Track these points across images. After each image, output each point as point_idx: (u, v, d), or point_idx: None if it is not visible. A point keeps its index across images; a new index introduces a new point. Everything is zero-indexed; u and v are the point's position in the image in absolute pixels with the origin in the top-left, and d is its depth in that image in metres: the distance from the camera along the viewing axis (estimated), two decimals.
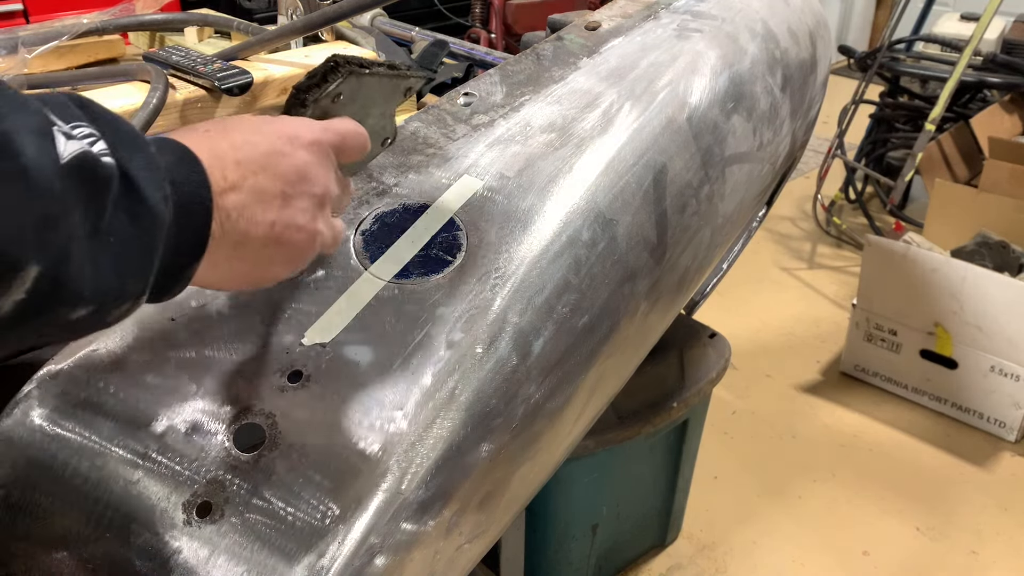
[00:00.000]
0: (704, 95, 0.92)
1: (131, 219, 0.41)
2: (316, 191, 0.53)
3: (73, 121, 0.40)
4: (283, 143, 0.52)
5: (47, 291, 0.37)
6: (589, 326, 0.73)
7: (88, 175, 0.39)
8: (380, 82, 0.64)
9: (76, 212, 0.38)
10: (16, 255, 0.35)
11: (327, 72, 0.59)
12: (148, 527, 0.56)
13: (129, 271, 0.42)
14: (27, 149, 0.36)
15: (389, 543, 0.57)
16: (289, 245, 0.52)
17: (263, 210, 0.50)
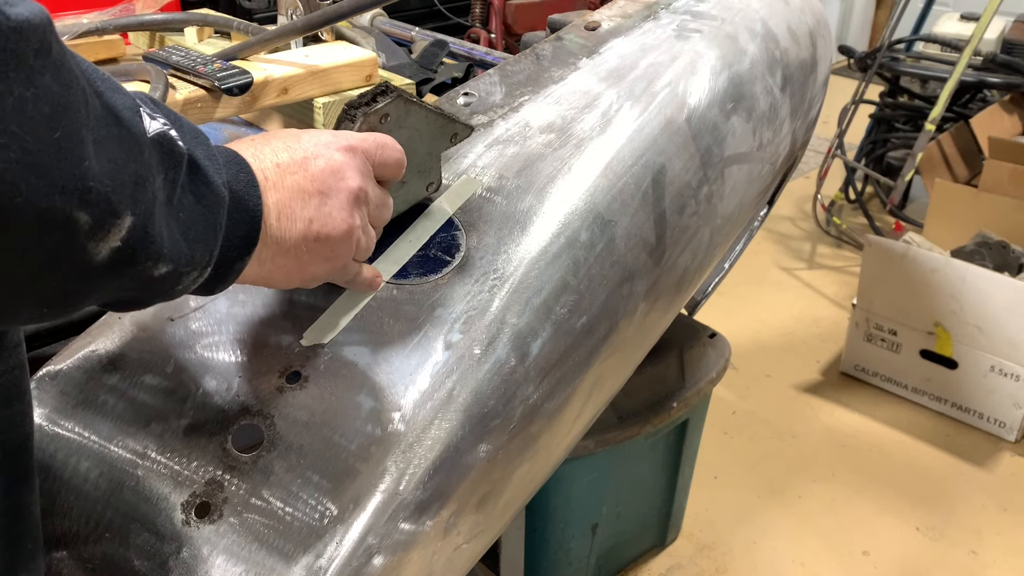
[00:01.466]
0: (703, 96, 0.92)
1: (197, 199, 0.46)
2: (351, 186, 0.56)
3: (152, 110, 0.45)
4: (319, 147, 0.56)
5: (137, 242, 0.41)
6: (587, 327, 0.73)
7: (167, 149, 0.44)
8: (427, 117, 0.67)
9: (158, 178, 0.43)
10: (118, 205, 0.39)
11: (377, 93, 0.62)
12: (147, 527, 0.56)
13: (199, 240, 0.46)
14: (125, 120, 0.41)
15: (387, 543, 0.57)
16: (327, 240, 0.55)
17: (302, 207, 0.53)
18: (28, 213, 0.35)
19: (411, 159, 0.68)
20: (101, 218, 0.39)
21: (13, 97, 0.34)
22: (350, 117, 0.61)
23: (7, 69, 0.34)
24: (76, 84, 0.37)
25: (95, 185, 0.38)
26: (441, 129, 0.69)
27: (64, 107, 0.36)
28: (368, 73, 1.23)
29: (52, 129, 0.36)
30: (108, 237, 0.39)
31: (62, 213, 0.37)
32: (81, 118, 0.37)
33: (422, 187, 0.72)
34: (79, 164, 0.37)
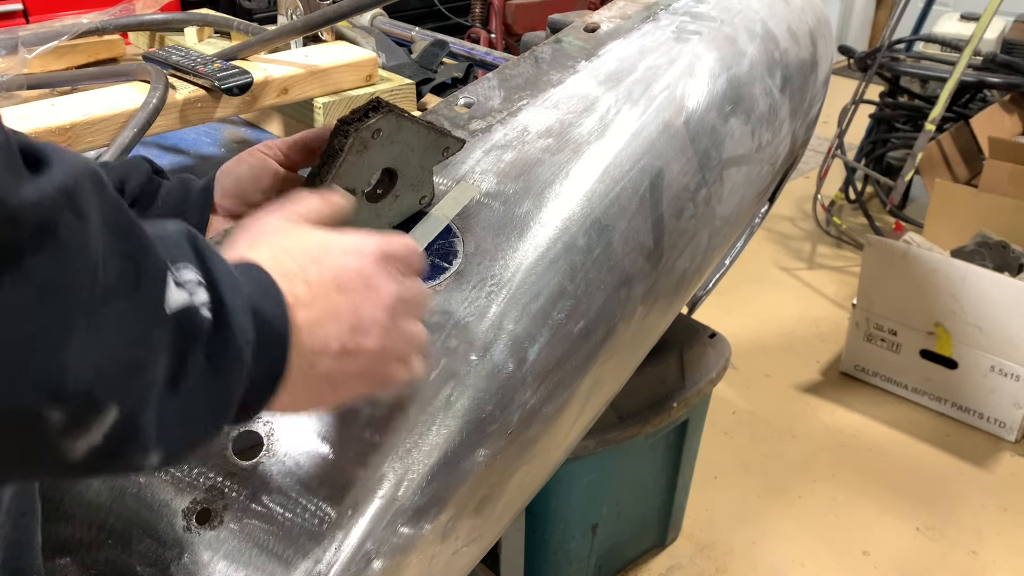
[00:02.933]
0: (702, 98, 0.92)
1: (210, 364, 0.41)
2: (385, 301, 0.52)
3: (182, 261, 0.41)
4: (349, 257, 0.52)
5: (121, 437, 0.37)
6: (585, 332, 0.73)
7: (185, 323, 0.40)
8: (419, 132, 0.67)
9: (163, 359, 0.39)
10: (100, 399, 0.35)
11: (370, 109, 0.62)
12: (149, 533, 0.56)
13: (196, 419, 0.42)
14: (140, 295, 0.37)
15: (385, 548, 0.57)
16: (363, 358, 0.51)
17: (335, 324, 0.49)
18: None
19: (404, 173, 0.69)
20: (78, 415, 0.35)
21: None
22: (343, 133, 0.61)
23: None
24: (83, 263, 0.34)
25: (72, 379, 0.34)
26: (433, 143, 0.70)
27: (52, 292, 0.33)
28: (368, 73, 1.24)
29: (26, 319, 0.32)
30: (87, 434, 0.35)
31: (28, 413, 0.33)
32: (76, 301, 0.34)
33: (415, 201, 0.73)
34: (54, 357, 0.33)
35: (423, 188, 0.72)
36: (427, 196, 0.73)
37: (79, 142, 1.01)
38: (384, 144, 0.64)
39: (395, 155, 0.66)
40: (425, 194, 0.73)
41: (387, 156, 0.66)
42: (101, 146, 1.02)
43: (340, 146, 0.60)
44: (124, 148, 0.99)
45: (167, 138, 1.23)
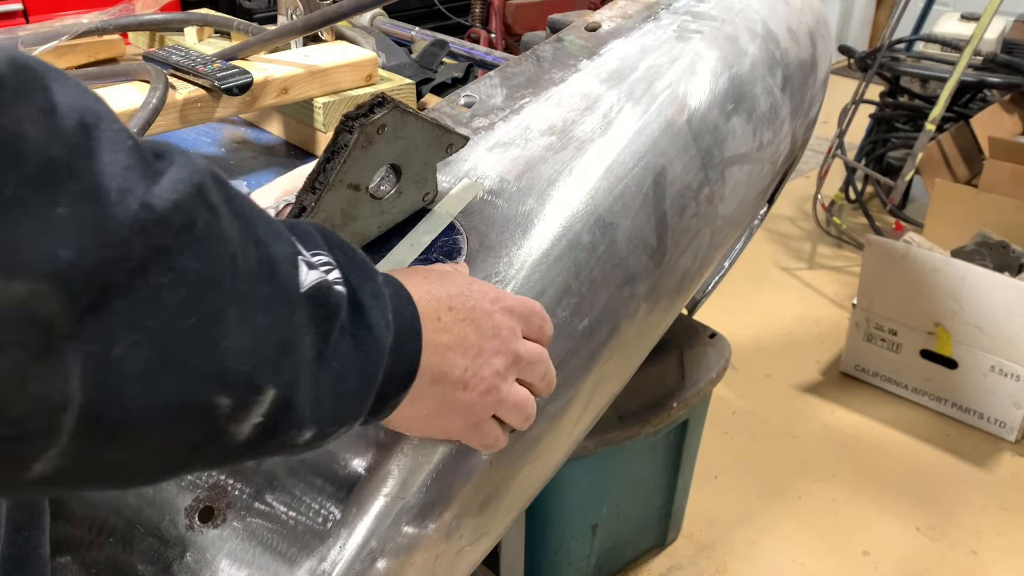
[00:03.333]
0: (704, 97, 0.92)
1: (355, 344, 0.43)
2: (507, 350, 0.56)
3: (314, 249, 0.43)
4: (487, 302, 0.55)
5: (279, 415, 0.39)
6: (589, 330, 0.73)
7: (322, 302, 0.41)
8: (424, 128, 0.67)
9: (307, 338, 0.40)
10: (259, 381, 0.37)
11: (374, 105, 0.62)
12: (151, 532, 0.56)
13: (346, 395, 0.43)
14: (279, 277, 0.39)
15: (390, 547, 0.57)
16: (473, 393, 0.54)
17: (462, 355, 0.52)
18: (166, 409, 0.34)
19: (408, 170, 0.68)
20: (242, 398, 0.37)
21: (148, 289, 0.32)
22: (347, 128, 0.61)
23: (145, 262, 0.32)
24: (223, 252, 0.35)
25: (234, 366, 0.36)
26: (437, 140, 0.70)
27: (204, 284, 0.34)
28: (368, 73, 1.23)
29: (187, 314, 0.34)
30: (249, 416, 0.37)
31: (201, 403, 0.35)
32: (224, 290, 0.35)
33: (419, 198, 0.72)
34: (216, 346, 0.35)
35: (427, 185, 0.72)
36: (431, 193, 0.73)
37: None
38: (389, 140, 0.64)
39: (399, 151, 0.66)
40: (429, 191, 0.73)
41: (392, 152, 0.65)
42: None
43: (345, 142, 0.60)
44: None
45: (167, 138, 1.23)
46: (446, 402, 0.53)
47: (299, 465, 0.58)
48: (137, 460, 0.35)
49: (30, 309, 0.29)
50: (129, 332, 0.32)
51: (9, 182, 0.28)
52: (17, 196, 0.28)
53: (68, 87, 0.32)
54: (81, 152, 0.30)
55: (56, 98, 0.30)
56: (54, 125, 0.30)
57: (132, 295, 0.32)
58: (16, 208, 0.28)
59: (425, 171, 0.71)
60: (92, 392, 0.31)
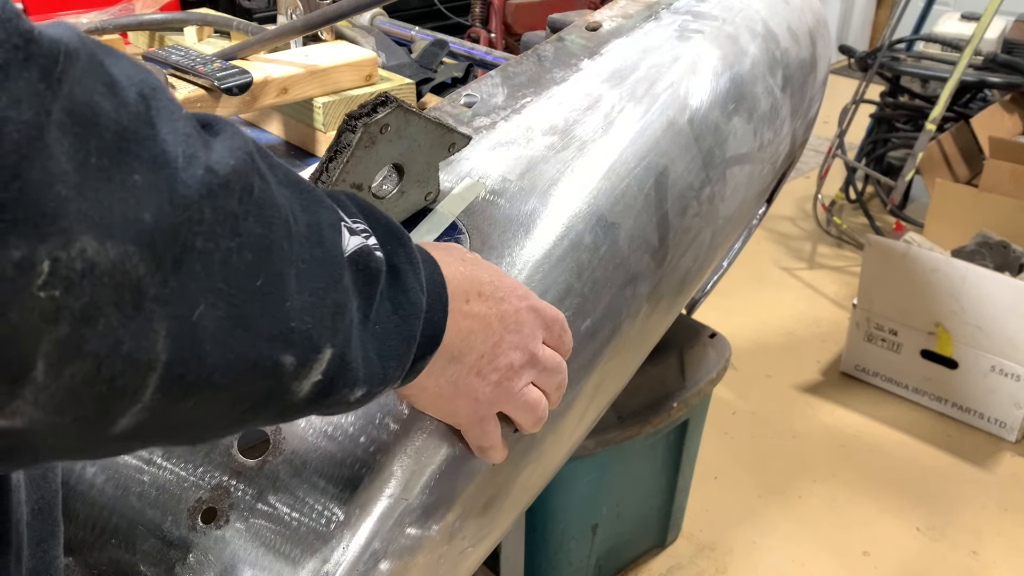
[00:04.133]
0: (705, 97, 0.92)
1: (394, 308, 0.45)
2: (526, 347, 0.56)
3: (352, 216, 0.44)
4: (515, 298, 0.56)
5: (335, 373, 0.40)
6: (591, 330, 0.73)
7: (364, 266, 0.43)
8: (426, 128, 0.67)
9: (355, 300, 0.42)
10: (319, 340, 0.39)
11: (377, 104, 0.62)
12: (154, 533, 0.56)
13: (393, 356, 0.45)
14: (327, 242, 0.40)
15: (393, 548, 0.57)
16: (485, 382, 0.54)
17: (482, 340, 0.53)
18: (240, 366, 0.35)
19: (410, 169, 0.68)
20: (305, 357, 0.38)
21: (220, 253, 0.34)
22: (350, 128, 0.61)
23: (215, 225, 0.33)
24: (278, 217, 0.37)
25: (297, 325, 0.37)
26: (440, 139, 0.70)
27: (266, 248, 0.36)
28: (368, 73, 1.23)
29: (255, 276, 0.35)
30: (311, 374, 0.39)
31: (270, 360, 0.37)
32: (283, 253, 0.37)
33: (420, 197, 0.72)
34: (281, 306, 0.37)
35: (429, 184, 0.72)
36: (433, 193, 0.73)
37: None
38: (391, 139, 0.64)
39: (402, 151, 0.66)
40: (431, 190, 0.73)
41: (394, 151, 0.65)
42: None
43: (348, 141, 0.60)
44: None
45: None
46: (458, 384, 0.53)
47: (302, 466, 0.58)
48: (208, 416, 0.37)
49: (123, 270, 0.30)
50: (207, 293, 0.33)
51: (92, 152, 0.29)
52: (100, 164, 0.30)
53: (121, 61, 0.33)
54: (145, 121, 0.32)
55: (114, 72, 0.31)
56: (119, 97, 0.31)
57: (207, 259, 0.33)
58: (101, 175, 0.30)
59: (427, 170, 0.71)
60: (176, 352, 0.33)
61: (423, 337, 0.48)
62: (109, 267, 0.30)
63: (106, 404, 0.32)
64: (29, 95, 0.27)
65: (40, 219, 0.28)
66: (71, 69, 0.29)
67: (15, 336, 0.28)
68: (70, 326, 0.29)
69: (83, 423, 0.32)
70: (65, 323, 0.29)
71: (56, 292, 0.29)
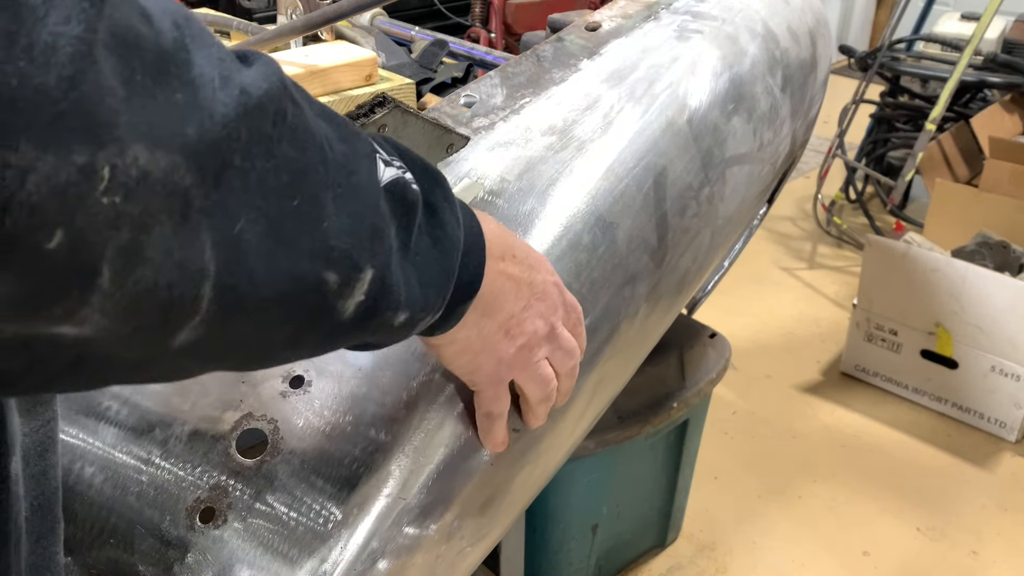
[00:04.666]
0: (704, 97, 0.92)
1: (433, 242, 0.46)
2: (550, 319, 0.57)
3: (389, 153, 0.45)
4: (545, 270, 0.57)
5: (378, 294, 0.42)
6: (590, 330, 0.73)
7: (400, 196, 0.44)
8: (424, 128, 0.68)
9: (393, 226, 0.43)
10: (359, 260, 0.40)
11: (375, 104, 0.63)
12: (152, 532, 0.56)
13: (432, 285, 0.46)
14: (362, 170, 0.41)
15: (391, 548, 0.57)
16: (510, 344, 0.55)
17: (514, 300, 0.54)
18: (284, 281, 0.36)
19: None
20: (347, 275, 0.39)
21: (256, 172, 0.35)
22: None
23: (251, 145, 0.34)
24: (312, 143, 0.38)
25: (336, 244, 0.39)
26: (438, 139, 0.70)
27: (302, 171, 0.37)
28: (368, 73, 1.23)
29: (291, 197, 0.36)
30: (354, 293, 0.40)
31: (313, 276, 0.38)
32: (319, 177, 0.38)
33: None
34: (319, 226, 0.38)
35: None
36: None
37: None
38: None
39: None
40: None
41: None
42: None
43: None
44: None
45: None
46: (485, 339, 0.54)
47: (300, 466, 0.58)
48: (260, 335, 0.38)
49: (172, 180, 0.31)
50: (246, 208, 0.35)
51: (136, 70, 0.31)
52: (144, 83, 0.31)
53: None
54: (181, 47, 0.33)
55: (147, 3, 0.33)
56: (155, 25, 0.32)
57: (244, 176, 0.34)
58: (146, 92, 0.31)
59: None
60: (224, 263, 0.34)
61: (461, 281, 0.49)
62: (161, 176, 0.31)
63: (166, 313, 0.33)
64: (77, 12, 0.29)
65: (97, 127, 0.29)
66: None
67: (82, 243, 0.29)
68: (130, 232, 0.30)
69: (146, 333, 0.33)
70: (126, 229, 0.30)
71: (117, 198, 0.30)
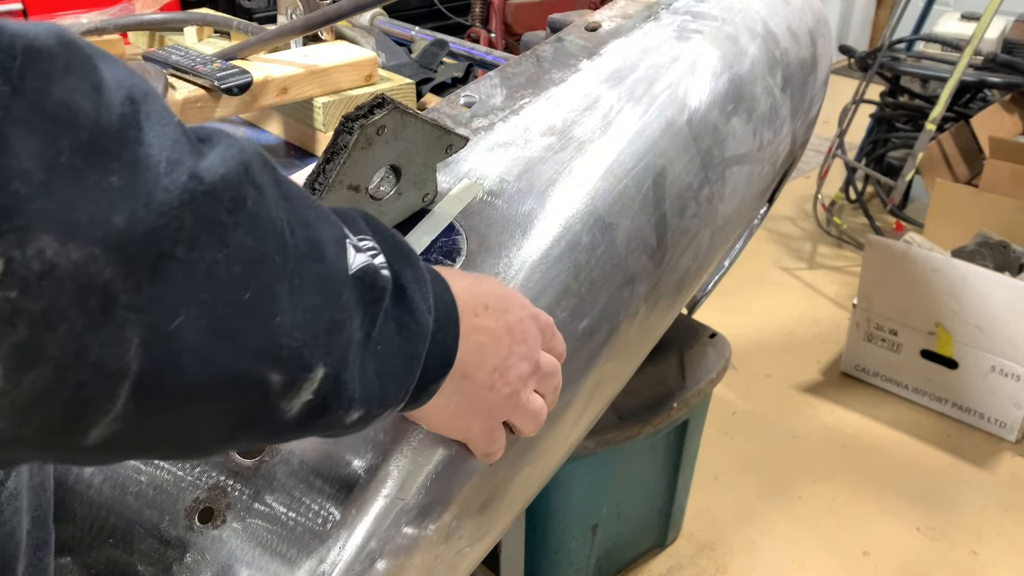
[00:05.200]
0: (704, 97, 0.92)
1: (399, 328, 0.44)
2: (532, 357, 0.56)
3: (359, 233, 0.43)
4: (518, 307, 0.56)
5: (329, 393, 0.39)
6: (588, 330, 0.73)
7: (369, 284, 0.42)
8: (423, 129, 0.67)
9: (356, 319, 0.41)
10: (310, 358, 0.37)
11: (374, 106, 0.62)
12: (151, 532, 0.56)
13: (394, 378, 0.44)
14: (328, 258, 0.39)
15: (390, 548, 0.57)
16: (497, 395, 0.54)
17: (493, 354, 0.53)
18: (220, 381, 0.34)
19: (407, 170, 0.68)
20: (293, 375, 0.37)
21: (204, 263, 0.32)
22: (347, 129, 0.61)
23: (199, 234, 0.32)
24: (273, 229, 0.36)
25: (287, 342, 0.36)
26: (437, 140, 0.70)
27: (257, 260, 0.35)
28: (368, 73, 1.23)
29: (243, 289, 0.34)
30: (300, 393, 0.38)
31: (254, 377, 0.35)
32: (275, 267, 0.36)
33: (418, 198, 0.72)
34: (269, 321, 0.36)
35: (426, 186, 0.72)
36: (430, 194, 0.73)
37: None
38: (388, 141, 0.64)
39: (399, 152, 0.66)
40: (428, 192, 0.73)
41: (391, 153, 0.65)
42: None
43: (345, 143, 0.60)
44: None
45: None
46: (471, 400, 0.53)
47: (298, 466, 0.58)
48: (188, 431, 0.36)
49: (87, 274, 0.29)
50: (187, 304, 0.32)
51: (63, 150, 0.29)
52: (72, 164, 0.29)
53: (115, 66, 0.32)
54: (130, 124, 0.31)
55: (104, 75, 0.31)
56: (104, 98, 0.30)
57: (189, 268, 0.32)
58: (71, 175, 0.29)
59: (425, 172, 0.71)
60: (150, 362, 0.32)
61: (433, 359, 0.47)
62: (71, 269, 0.29)
63: (74, 413, 0.31)
64: None
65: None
66: (38, 66, 0.29)
67: None
68: (28, 329, 0.28)
69: (51, 432, 0.31)
70: (23, 326, 0.28)
71: (12, 293, 0.28)
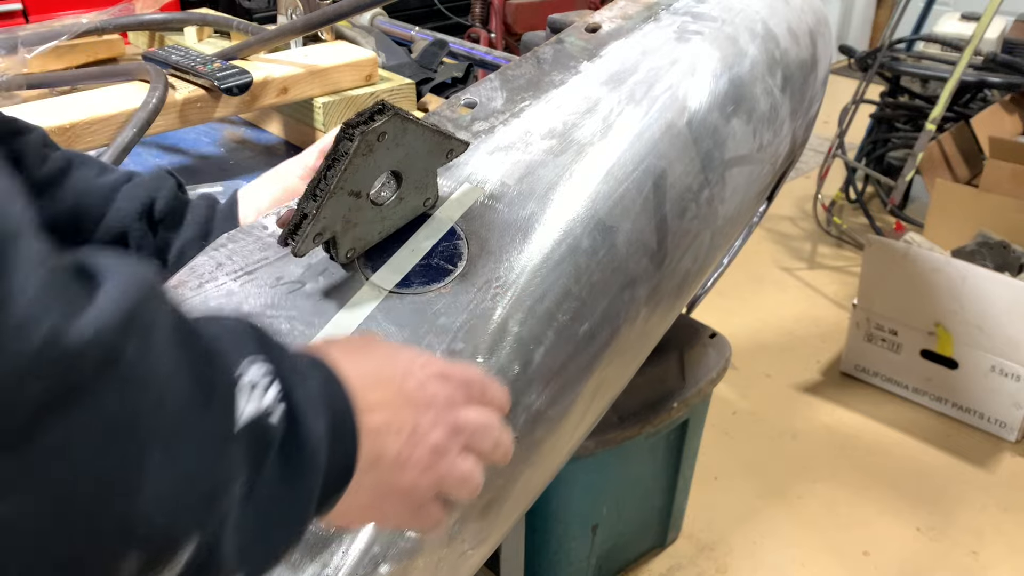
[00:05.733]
0: (704, 99, 0.92)
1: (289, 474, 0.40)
2: (445, 421, 0.51)
3: (250, 355, 0.39)
4: (417, 370, 0.51)
5: (201, 563, 0.35)
6: (590, 333, 0.73)
7: (258, 436, 0.38)
8: (424, 135, 0.67)
9: (240, 477, 0.37)
10: (180, 534, 0.34)
11: (374, 112, 0.62)
12: None
13: (281, 527, 0.41)
14: (213, 412, 0.35)
15: (392, 552, 0.57)
16: (411, 473, 0.49)
17: (395, 434, 0.48)
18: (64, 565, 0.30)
19: (408, 176, 0.69)
20: (156, 554, 0.33)
21: (53, 433, 0.28)
22: (348, 136, 0.61)
23: (44, 410, 0.28)
24: (153, 385, 0.32)
25: (150, 521, 0.32)
26: (437, 146, 0.70)
27: (123, 427, 0.31)
28: (368, 73, 1.23)
29: (99, 463, 0.30)
30: (165, 570, 0.34)
31: (107, 559, 0.31)
32: (146, 432, 0.32)
33: (419, 203, 0.73)
34: (129, 499, 0.31)
35: (427, 191, 0.72)
36: (431, 198, 0.73)
37: (79, 142, 1.01)
38: (389, 147, 0.64)
39: (400, 158, 0.66)
40: (429, 196, 0.73)
41: (392, 159, 0.65)
42: (101, 146, 1.02)
43: (345, 150, 0.60)
44: (124, 148, 0.98)
45: (167, 138, 1.23)
46: (382, 487, 0.48)
47: None
48: None
49: None
50: (19, 492, 0.28)
51: None
52: None
53: None
54: None
55: None
56: None
57: (23, 448, 0.28)
58: None
59: (426, 177, 0.71)
60: None
61: (331, 477, 0.43)
62: None
63: None
64: None
65: None
66: None
67: None
68: None
69: None
70: None
71: None
